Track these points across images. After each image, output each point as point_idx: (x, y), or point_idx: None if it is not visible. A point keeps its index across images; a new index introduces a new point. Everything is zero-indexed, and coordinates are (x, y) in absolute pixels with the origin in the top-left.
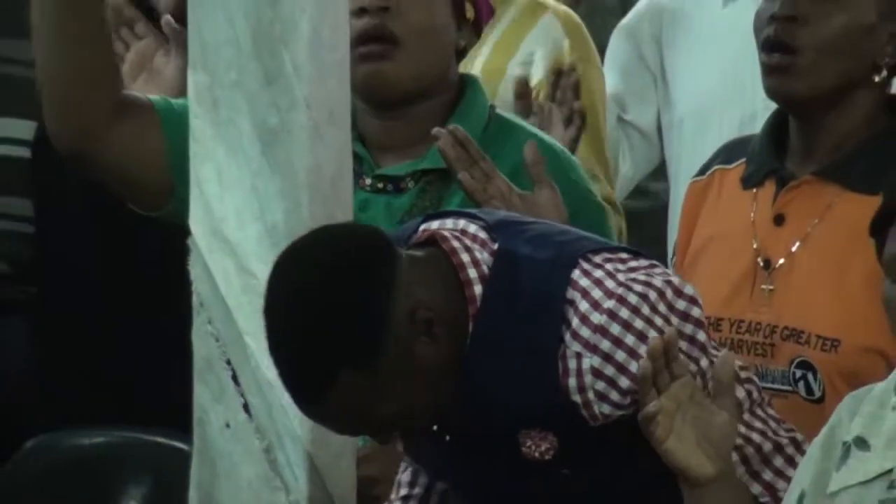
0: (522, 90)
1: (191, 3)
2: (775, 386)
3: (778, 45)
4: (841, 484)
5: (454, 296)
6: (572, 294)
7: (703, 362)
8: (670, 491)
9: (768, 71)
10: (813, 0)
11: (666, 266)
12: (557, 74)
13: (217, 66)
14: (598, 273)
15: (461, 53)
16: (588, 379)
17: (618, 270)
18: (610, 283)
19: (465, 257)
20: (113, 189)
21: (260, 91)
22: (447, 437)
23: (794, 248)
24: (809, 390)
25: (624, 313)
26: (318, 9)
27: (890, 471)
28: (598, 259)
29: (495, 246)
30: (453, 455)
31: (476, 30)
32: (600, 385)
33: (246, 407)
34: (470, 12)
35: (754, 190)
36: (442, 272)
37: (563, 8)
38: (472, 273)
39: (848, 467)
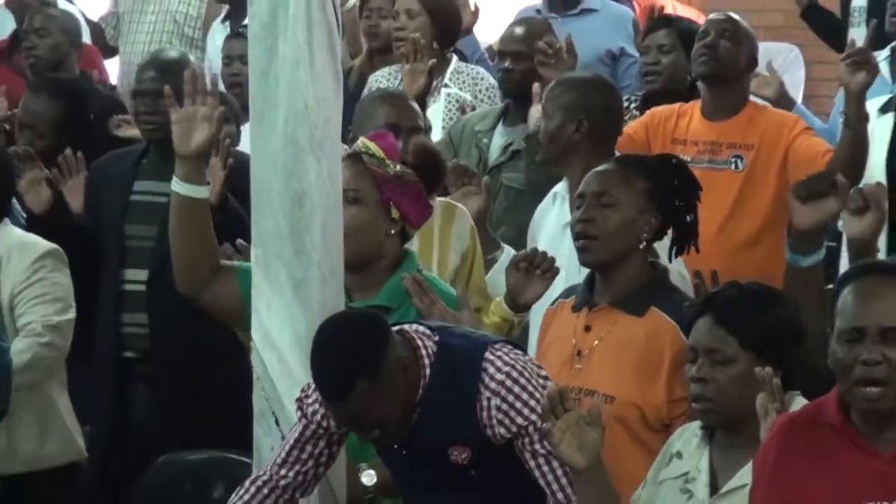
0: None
1: (253, 205)
2: None
3: (582, 235)
4: (665, 476)
5: (415, 363)
6: (485, 365)
7: None
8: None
9: (579, 250)
10: (598, 206)
11: None
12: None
13: (268, 245)
14: (499, 353)
15: (403, 235)
16: (493, 413)
17: (509, 353)
18: (506, 359)
19: (419, 343)
20: (212, 314)
21: (292, 259)
22: (403, 452)
23: (594, 344)
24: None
25: (514, 374)
26: (326, 208)
27: (687, 472)
28: (497, 346)
29: (436, 338)
30: (406, 461)
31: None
32: (499, 417)
33: (282, 438)
34: (395, 213)
35: (576, 312)
36: (408, 349)
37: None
38: (423, 353)
39: (670, 466)
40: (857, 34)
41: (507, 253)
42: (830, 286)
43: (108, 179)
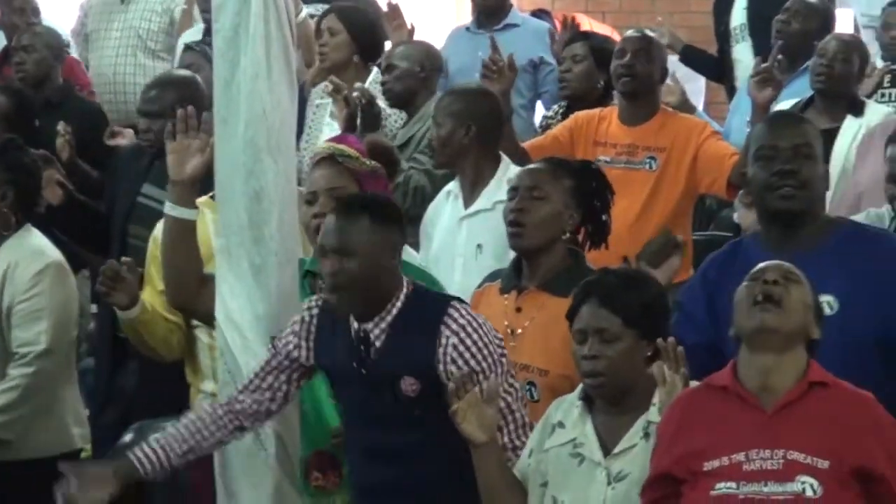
0: None
1: (217, 200)
2: (519, 393)
3: (515, 223)
4: (550, 444)
5: (394, 278)
6: (450, 311)
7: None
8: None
9: (511, 236)
10: (530, 199)
11: None
12: None
13: (230, 236)
14: (464, 308)
15: None
16: (449, 350)
17: (472, 311)
18: (470, 314)
19: (404, 280)
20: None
21: (251, 248)
22: (363, 371)
23: (526, 324)
24: (532, 397)
25: (475, 324)
26: (282, 203)
27: (574, 438)
28: (464, 305)
29: (413, 285)
30: (360, 388)
31: None
32: (454, 356)
33: None
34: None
35: (506, 295)
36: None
37: None
38: (404, 283)
39: (554, 435)
40: (742, 50)
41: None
42: None
43: (125, 173)
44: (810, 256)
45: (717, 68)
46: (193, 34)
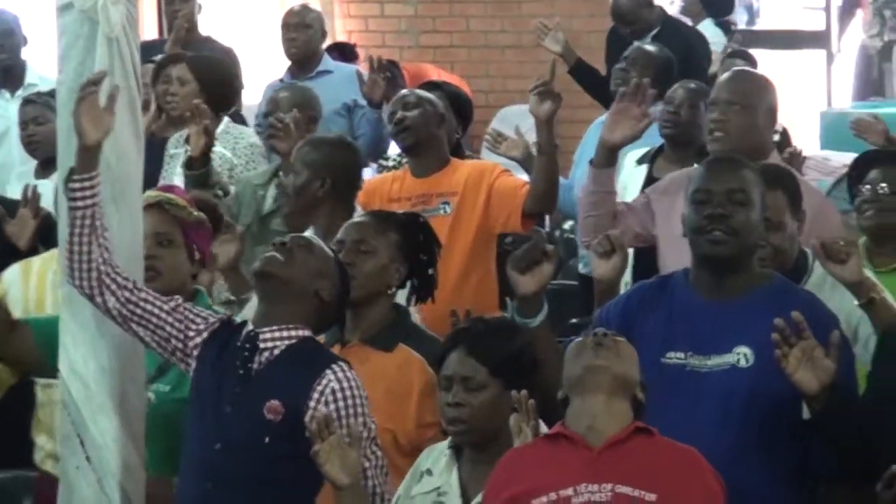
0: None
1: (60, 247)
2: (380, 462)
3: None
4: (417, 491)
5: (311, 310)
6: (340, 362)
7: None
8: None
9: None
10: (357, 252)
11: None
12: None
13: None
14: (350, 371)
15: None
16: (326, 391)
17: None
18: (353, 375)
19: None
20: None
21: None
22: (241, 372)
23: None
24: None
25: (357, 382)
26: (127, 253)
27: (439, 487)
28: (350, 368)
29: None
30: (224, 396)
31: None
32: (329, 398)
33: (88, 458)
34: (198, 254)
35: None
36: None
37: None
38: (307, 327)
39: (421, 483)
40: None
41: None
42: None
43: None
44: (734, 306)
45: (604, 89)
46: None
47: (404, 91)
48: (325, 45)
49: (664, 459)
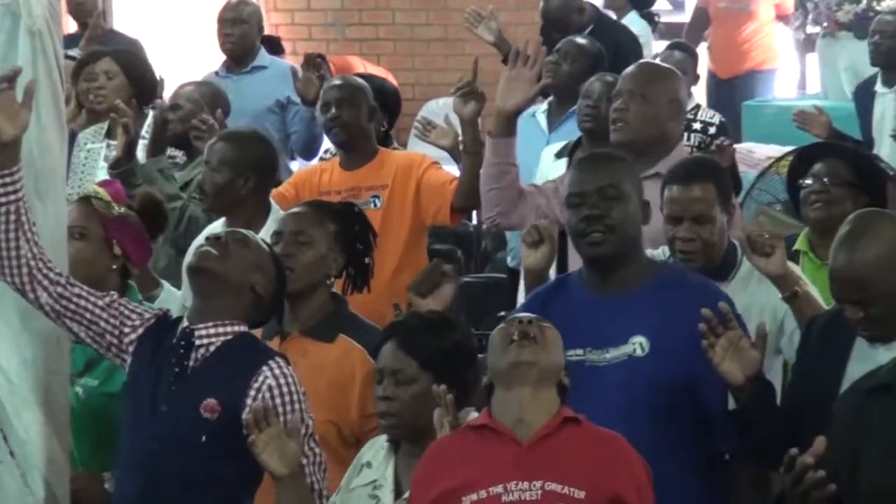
0: None
1: None
2: (318, 459)
3: None
4: (356, 484)
5: (247, 304)
6: (277, 357)
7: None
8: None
9: None
10: (295, 243)
11: None
12: None
13: None
14: (287, 367)
15: (126, 271)
16: (263, 388)
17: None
18: (290, 371)
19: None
20: None
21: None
22: (176, 370)
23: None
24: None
25: (294, 378)
26: (51, 246)
27: (375, 480)
28: (287, 364)
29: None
30: (161, 395)
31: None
32: (266, 395)
33: (11, 453)
34: (117, 250)
35: (268, 341)
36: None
37: None
38: (243, 323)
39: (360, 475)
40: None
41: (167, 290)
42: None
43: None
44: (628, 298)
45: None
46: None
47: (337, 81)
48: None
49: (592, 451)
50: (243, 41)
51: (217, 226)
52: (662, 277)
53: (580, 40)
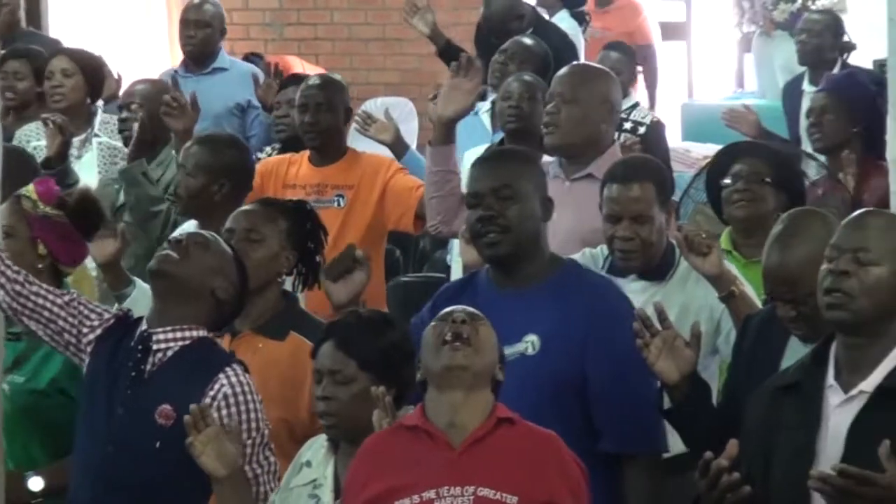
0: None
1: None
2: (273, 468)
3: None
4: (295, 483)
5: (209, 307)
6: (234, 364)
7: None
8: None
9: None
10: (247, 241)
11: None
12: None
13: None
14: (244, 374)
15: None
16: (219, 396)
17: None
18: (247, 379)
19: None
20: None
21: None
22: (133, 374)
23: None
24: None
25: (250, 386)
26: None
27: (315, 479)
28: (245, 371)
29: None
30: (117, 399)
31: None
32: (221, 403)
33: None
34: (42, 249)
35: (219, 339)
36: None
37: None
38: (203, 327)
39: (300, 475)
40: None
41: (140, 287)
42: None
43: None
44: (523, 295)
45: None
46: None
47: (317, 81)
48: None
49: (526, 453)
50: (205, 44)
51: (188, 227)
52: (560, 275)
53: (527, 41)
